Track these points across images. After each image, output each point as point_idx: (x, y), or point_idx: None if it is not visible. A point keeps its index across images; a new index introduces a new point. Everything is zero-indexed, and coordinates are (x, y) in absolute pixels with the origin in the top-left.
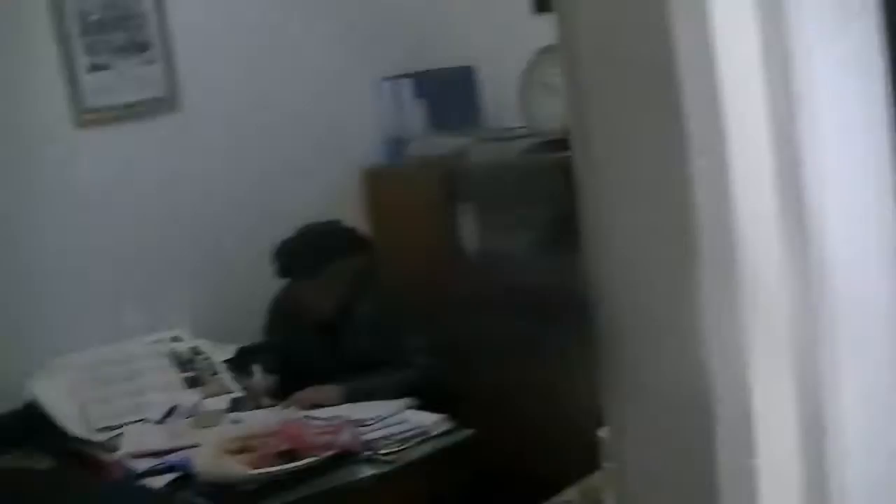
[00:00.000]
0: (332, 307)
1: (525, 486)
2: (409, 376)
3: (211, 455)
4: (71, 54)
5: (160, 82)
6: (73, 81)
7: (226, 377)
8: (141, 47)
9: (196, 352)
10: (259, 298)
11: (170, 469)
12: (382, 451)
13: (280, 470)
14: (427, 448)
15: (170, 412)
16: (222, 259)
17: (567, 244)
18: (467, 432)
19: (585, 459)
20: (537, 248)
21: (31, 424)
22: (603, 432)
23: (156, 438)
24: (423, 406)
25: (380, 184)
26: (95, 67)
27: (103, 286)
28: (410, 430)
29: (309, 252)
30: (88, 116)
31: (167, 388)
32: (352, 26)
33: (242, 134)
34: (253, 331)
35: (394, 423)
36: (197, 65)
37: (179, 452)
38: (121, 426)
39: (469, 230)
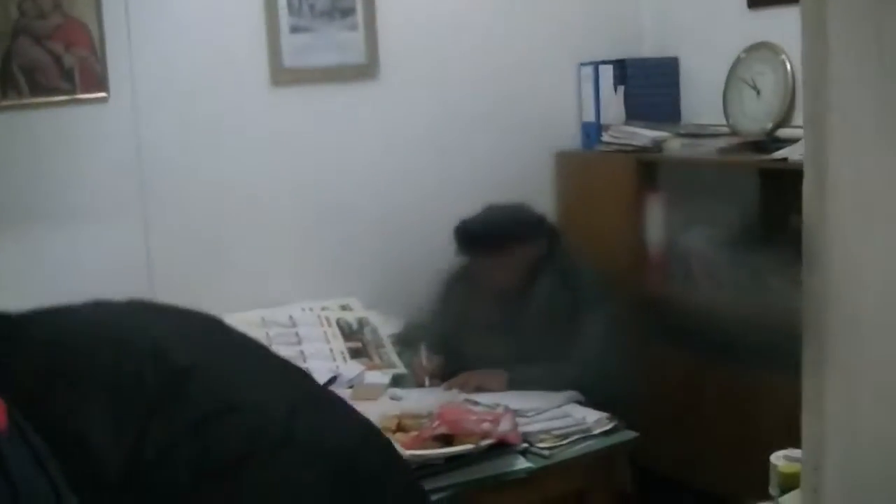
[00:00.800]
0: (508, 288)
1: (683, 498)
2: (577, 369)
3: None
4: (274, 14)
5: (360, 49)
6: (273, 40)
7: (391, 351)
8: (344, 13)
9: (363, 323)
10: (435, 276)
11: None
12: (540, 445)
13: (434, 454)
14: (586, 446)
15: (330, 381)
16: (401, 231)
17: (755, 249)
18: (631, 434)
19: (756, 482)
20: (724, 249)
21: None
22: (776, 458)
23: None
24: (589, 402)
25: (572, 168)
26: (296, 29)
27: (279, 246)
28: (571, 426)
29: (492, 232)
30: (285, 76)
31: (331, 356)
32: (559, 8)
33: (436, 109)
34: (424, 307)
35: (555, 416)
36: (398, 35)
37: None
38: None
39: (656, 223)
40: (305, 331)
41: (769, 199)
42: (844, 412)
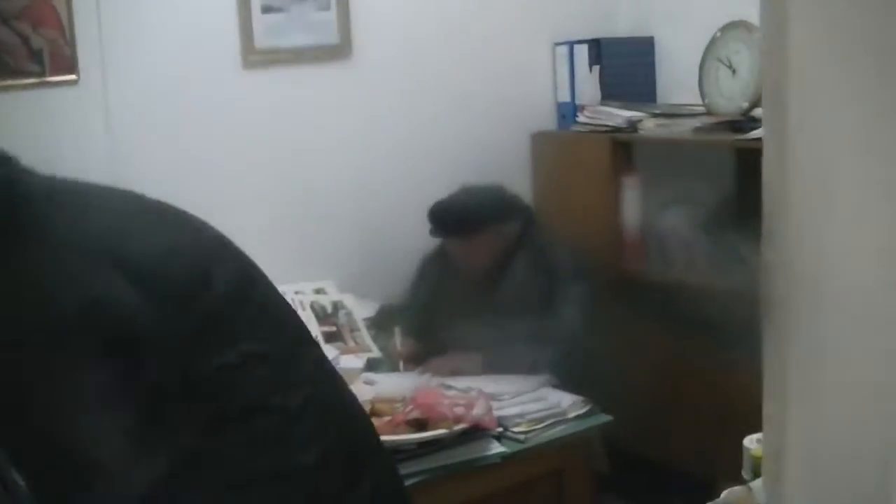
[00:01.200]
0: (484, 270)
1: (660, 480)
2: (552, 350)
3: None
4: None
5: (333, 29)
6: (244, 21)
7: (365, 335)
8: None
9: (338, 306)
10: (410, 258)
11: None
12: (514, 429)
13: (407, 439)
14: (561, 430)
15: None
16: (376, 214)
17: (732, 229)
18: (606, 418)
19: (734, 464)
20: (701, 229)
21: None
22: (749, 442)
23: None
24: (564, 384)
25: (547, 149)
26: (268, 9)
27: (252, 230)
28: (546, 409)
29: (466, 213)
30: (256, 57)
31: None
32: None
33: (411, 89)
34: (400, 290)
35: (530, 400)
36: (372, 16)
37: None
38: None
39: (632, 204)
40: None
41: (745, 178)
42: (807, 396)
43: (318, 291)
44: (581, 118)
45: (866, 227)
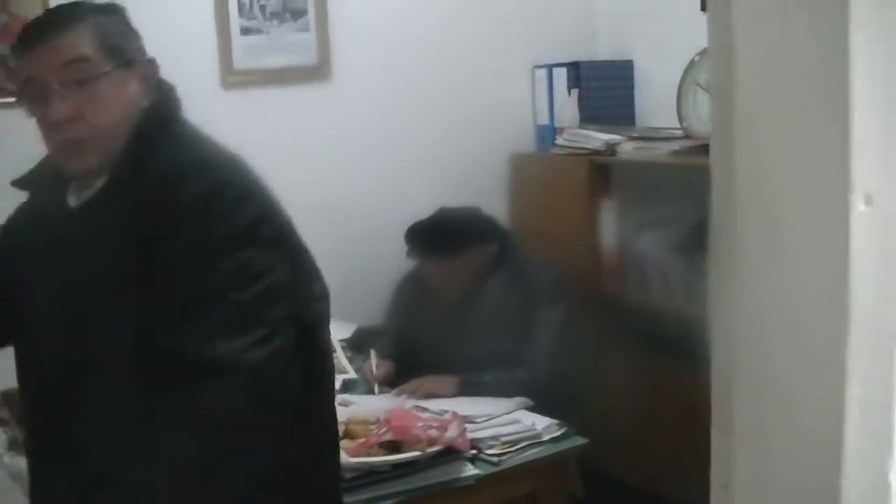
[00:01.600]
0: (460, 292)
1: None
2: (529, 372)
3: None
4: (225, 15)
5: (312, 50)
6: (223, 42)
7: (341, 357)
8: (295, 14)
9: None
10: (387, 280)
11: None
12: (488, 452)
13: (380, 461)
14: (535, 453)
15: None
16: (354, 235)
17: (708, 251)
18: (581, 441)
19: (707, 488)
20: (678, 252)
21: None
22: None
23: None
24: (540, 407)
25: (527, 171)
26: (247, 31)
27: None
28: (520, 432)
29: (443, 235)
30: (235, 78)
31: None
32: (513, 10)
33: (390, 111)
34: (377, 312)
35: (504, 422)
36: (351, 37)
37: None
38: None
39: (610, 227)
40: None
41: None
42: (754, 427)
43: None
44: (560, 141)
45: (813, 262)
